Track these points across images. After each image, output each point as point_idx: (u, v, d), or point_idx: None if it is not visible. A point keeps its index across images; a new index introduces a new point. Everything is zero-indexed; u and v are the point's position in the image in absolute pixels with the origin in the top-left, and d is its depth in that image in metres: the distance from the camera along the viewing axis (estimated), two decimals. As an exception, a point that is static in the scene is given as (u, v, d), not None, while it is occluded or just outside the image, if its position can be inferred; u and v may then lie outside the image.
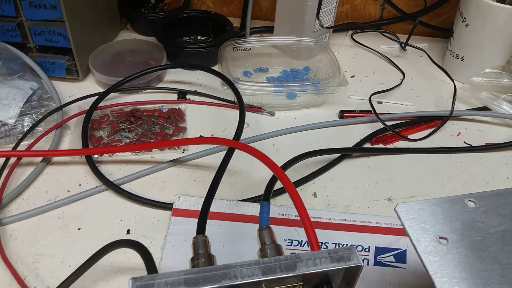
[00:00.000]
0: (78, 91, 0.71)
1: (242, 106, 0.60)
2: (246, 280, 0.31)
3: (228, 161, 0.50)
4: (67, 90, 0.71)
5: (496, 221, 0.32)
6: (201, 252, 0.38)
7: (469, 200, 0.34)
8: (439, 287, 0.28)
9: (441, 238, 0.31)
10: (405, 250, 0.49)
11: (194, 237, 0.39)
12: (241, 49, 0.76)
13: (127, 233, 0.51)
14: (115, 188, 0.55)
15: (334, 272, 0.34)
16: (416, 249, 0.30)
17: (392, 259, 0.49)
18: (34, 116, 0.63)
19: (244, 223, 0.51)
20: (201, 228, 0.40)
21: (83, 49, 0.72)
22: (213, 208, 0.44)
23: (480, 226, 0.32)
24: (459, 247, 0.31)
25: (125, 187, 0.56)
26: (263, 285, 0.33)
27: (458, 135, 0.67)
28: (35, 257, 0.48)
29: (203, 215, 0.41)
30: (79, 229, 0.51)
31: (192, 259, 0.37)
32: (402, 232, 0.51)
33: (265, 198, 0.44)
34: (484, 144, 0.65)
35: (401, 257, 0.49)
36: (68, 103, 0.67)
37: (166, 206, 0.53)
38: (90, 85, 0.73)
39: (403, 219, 0.32)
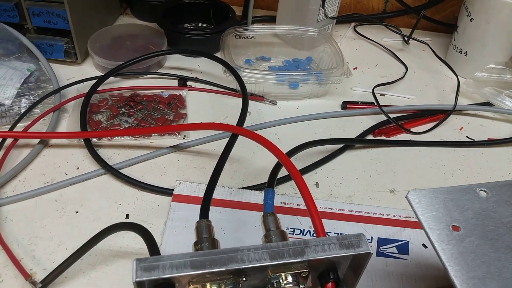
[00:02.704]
0: (76, 74, 0.70)
1: (245, 93, 0.59)
2: (253, 264, 0.30)
3: (232, 147, 0.49)
4: (65, 73, 0.70)
5: (508, 211, 0.32)
6: (205, 237, 0.37)
7: (481, 190, 0.33)
8: (452, 275, 0.27)
9: (453, 226, 0.31)
10: (408, 241, 0.49)
11: (197, 222, 0.38)
12: (243, 37, 0.75)
13: (126, 218, 0.50)
14: (114, 172, 0.54)
15: (341, 260, 0.33)
16: (429, 237, 0.30)
17: (394, 250, 0.48)
18: (31, 98, 0.61)
19: (245, 211, 0.50)
20: (204, 213, 0.39)
21: (82, 32, 0.71)
22: (215, 195, 0.43)
23: (492, 215, 0.32)
24: (472, 235, 0.30)
25: (124, 171, 0.55)
26: (269, 271, 0.32)
27: (460, 129, 0.67)
28: (32, 239, 0.47)
29: (207, 199, 0.40)
30: (76, 212, 0.50)
31: (196, 243, 0.36)
32: (405, 223, 0.51)
33: (269, 185, 0.43)
34: (486, 139, 0.65)
35: (403, 248, 0.48)
36: (66, 85, 0.66)
37: (166, 191, 0.52)
38: (89, 69, 0.72)
39: (415, 207, 0.32)
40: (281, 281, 0.32)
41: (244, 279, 0.32)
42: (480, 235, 0.30)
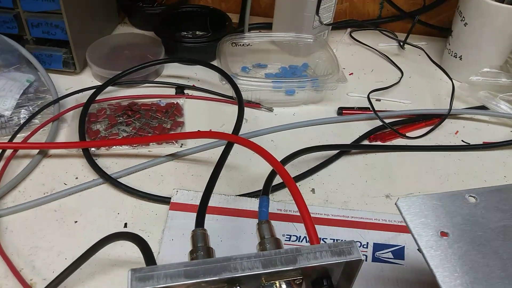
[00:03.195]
0: (75, 84, 0.71)
1: (241, 101, 0.60)
2: (246, 273, 0.31)
3: (227, 155, 0.49)
4: (64, 83, 0.71)
5: (497, 217, 0.32)
6: (200, 245, 0.37)
7: (470, 196, 0.34)
8: (440, 281, 0.28)
9: (442, 232, 0.31)
10: (403, 246, 0.49)
11: (193, 230, 0.39)
12: (240, 45, 0.75)
13: (124, 227, 0.50)
14: (113, 181, 0.54)
15: (333, 267, 0.34)
16: (417, 243, 0.30)
17: (390, 255, 0.49)
18: (30, 108, 0.62)
19: (242, 218, 0.51)
20: (200, 221, 0.40)
21: (80, 42, 0.72)
22: (211, 202, 0.44)
23: (481, 221, 0.32)
24: (460, 241, 0.31)
25: (122, 180, 0.55)
26: (263, 279, 0.33)
27: (456, 133, 0.67)
28: (31, 250, 0.47)
29: (202, 208, 0.41)
30: (75, 222, 0.50)
31: (191, 252, 0.37)
32: (401, 229, 0.51)
33: (264, 192, 0.44)
34: (481, 143, 0.65)
35: (399, 253, 0.49)
36: (65, 96, 0.66)
37: (164, 200, 0.53)
38: (87, 78, 0.73)
39: (404, 214, 0.32)
40: (275, 288, 0.33)
41: (238, 287, 0.32)
42: (468, 241, 0.31)
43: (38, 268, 0.46)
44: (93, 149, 0.59)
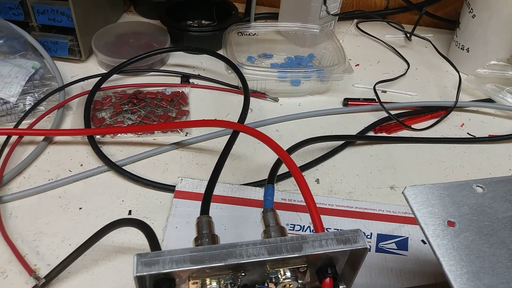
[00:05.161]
0: (80, 71, 0.71)
1: (246, 90, 0.60)
2: (251, 259, 0.31)
3: (233, 144, 0.49)
4: (70, 70, 0.71)
5: (504, 207, 0.32)
6: (205, 232, 0.37)
7: (477, 186, 0.34)
8: (447, 269, 0.28)
9: (449, 222, 0.31)
10: (407, 237, 0.49)
11: (198, 217, 0.39)
12: (246, 34, 0.75)
13: (128, 214, 0.50)
14: (117, 169, 0.54)
15: (338, 255, 0.34)
16: (424, 233, 0.30)
17: (393, 246, 0.48)
18: (36, 95, 0.62)
19: (246, 207, 0.51)
20: (205, 209, 0.40)
21: (86, 30, 0.71)
22: (216, 191, 0.44)
23: (488, 211, 0.32)
24: (467, 231, 0.31)
25: (127, 168, 0.55)
26: (267, 266, 0.33)
27: (461, 126, 0.67)
28: (36, 235, 0.47)
29: (207, 195, 0.41)
30: (80, 208, 0.51)
31: (196, 239, 0.37)
32: (404, 220, 0.51)
33: (269, 181, 0.44)
34: (487, 136, 0.65)
35: (402, 244, 0.49)
36: (71, 83, 0.66)
37: (169, 188, 0.53)
38: (93, 66, 0.73)
39: (411, 202, 0.32)
40: (279, 276, 0.33)
41: (243, 274, 0.32)
42: (475, 231, 0.31)
43: (42, 254, 0.46)
44: (98, 136, 0.59)
